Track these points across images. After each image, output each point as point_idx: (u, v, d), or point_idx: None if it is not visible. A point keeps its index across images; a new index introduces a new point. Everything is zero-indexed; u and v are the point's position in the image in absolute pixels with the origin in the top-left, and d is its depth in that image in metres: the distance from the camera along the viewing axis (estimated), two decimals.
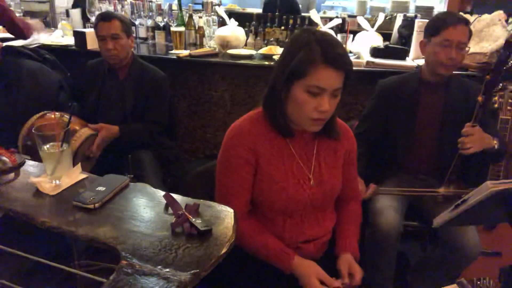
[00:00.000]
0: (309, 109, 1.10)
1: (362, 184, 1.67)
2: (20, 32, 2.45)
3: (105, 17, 2.00)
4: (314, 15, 2.68)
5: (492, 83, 1.52)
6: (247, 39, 2.83)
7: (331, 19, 2.73)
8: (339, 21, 2.66)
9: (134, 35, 2.29)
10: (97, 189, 1.04)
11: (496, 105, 1.66)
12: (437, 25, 1.66)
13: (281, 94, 1.13)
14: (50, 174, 1.09)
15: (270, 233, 1.24)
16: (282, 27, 2.93)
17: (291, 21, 2.92)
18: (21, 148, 1.70)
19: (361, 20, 2.71)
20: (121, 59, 2.03)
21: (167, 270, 0.79)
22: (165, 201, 1.00)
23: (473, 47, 2.27)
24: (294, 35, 1.17)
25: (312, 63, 1.05)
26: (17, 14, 2.92)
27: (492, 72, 1.52)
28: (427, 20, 2.16)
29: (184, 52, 2.61)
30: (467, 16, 2.37)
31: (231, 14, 2.87)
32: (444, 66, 1.66)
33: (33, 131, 1.07)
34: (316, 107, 1.09)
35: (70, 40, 2.78)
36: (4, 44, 2.30)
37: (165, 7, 2.91)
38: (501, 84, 1.63)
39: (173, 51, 2.66)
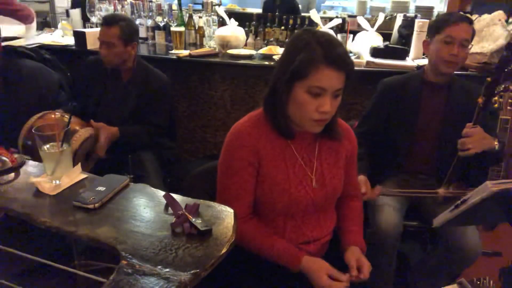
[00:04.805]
0: (311, 109, 1.10)
1: (367, 184, 1.64)
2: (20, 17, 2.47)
3: (107, 21, 1.99)
4: (314, 15, 2.68)
5: (492, 85, 1.52)
6: (247, 39, 2.83)
7: (331, 19, 2.72)
8: (339, 21, 2.66)
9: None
10: (97, 189, 1.04)
11: (496, 105, 1.66)
12: (440, 23, 1.67)
13: (282, 95, 1.13)
14: (50, 174, 1.09)
15: (275, 234, 1.24)
16: (282, 27, 2.93)
17: (291, 21, 2.93)
18: (21, 148, 1.70)
19: (361, 20, 2.71)
20: (115, 65, 2.02)
21: (167, 270, 0.79)
22: (165, 201, 1.00)
23: (473, 47, 2.27)
24: (294, 35, 1.16)
25: (313, 64, 1.05)
26: None
27: (493, 74, 1.51)
28: (427, 20, 2.17)
29: (184, 52, 2.60)
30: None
31: (231, 14, 2.86)
32: (447, 63, 1.66)
33: (33, 131, 1.08)
34: (317, 108, 1.09)
35: (70, 40, 2.78)
36: (4, 44, 2.30)
37: (165, 7, 2.91)
38: (503, 86, 1.63)
39: (173, 51, 2.66)
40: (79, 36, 2.62)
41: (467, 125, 1.57)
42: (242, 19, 2.92)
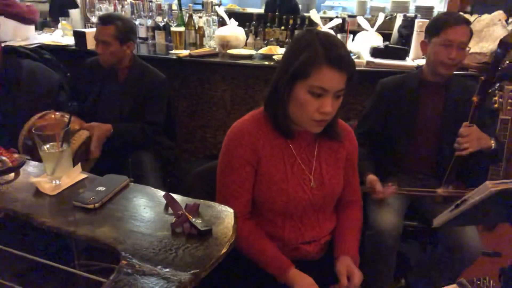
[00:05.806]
0: (311, 110, 1.09)
1: (378, 182, 1.64)
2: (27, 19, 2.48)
3: (103, 20, 2.00)
4: (314, 15, 2.68)
5: (487, 84, 1.52)
6: (247, 39, 2.83)
7: (331, 19, 2.72)
8: (339, 21, 2.66)
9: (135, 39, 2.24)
10: (97, 189, 1.04)
11: (496, 105, 1.66)
12: (438, 25, 1.67)
13: (283, 94, 1.13)
14: (50, 174, 1.09)
15: (269, 238, 1.24)
16: (282, 27, 2.93)
17: (291, 21, 2.93)
18: (21, 148, 1.69)
19: (361, 20, 2.71)
20: (111, 64, 2.03)
21: (167, 270, 0.79)
22: (165, 201, 1.00)
23: (473, 47, 2.28)
24: (297, 35, 1.17)
25: (315, 64, 1.05)
26: None
27: (487, 72, 1.52)
28: (427, 20, 2.16)
29: (184, 52, 2.61)
30: (467, 16, 2.37)
31: (231, 14, 2.87)
32: (445, 66, 1.66)
33: (33, 131, 1.07)
34: (318, 109, 1.09)
35: (70, 40, 2.79)
36: (4, 44, 2.30)
37: (165, 7, 2.91)
38: (497, 84, 1.63)
39: (173, 51, 2.66)
40: (79, 36, 2.62)
41: (463, 124, 1.57)
42: (242, 19, 2.93)
